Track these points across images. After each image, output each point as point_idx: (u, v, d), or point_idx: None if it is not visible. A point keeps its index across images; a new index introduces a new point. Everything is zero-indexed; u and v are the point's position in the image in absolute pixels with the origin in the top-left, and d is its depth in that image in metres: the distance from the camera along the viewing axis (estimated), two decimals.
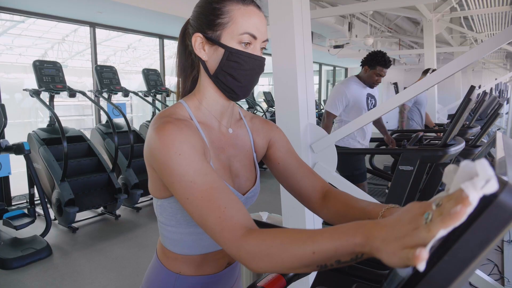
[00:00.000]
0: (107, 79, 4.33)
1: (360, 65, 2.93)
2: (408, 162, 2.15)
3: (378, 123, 3.21)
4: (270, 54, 1.81)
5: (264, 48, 0.79)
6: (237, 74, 0.76)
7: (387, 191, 3.23)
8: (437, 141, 2.85)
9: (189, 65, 0.85)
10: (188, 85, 0.87)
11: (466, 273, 0.34)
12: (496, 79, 8.62)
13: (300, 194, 0.91)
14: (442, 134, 3.64)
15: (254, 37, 0.75)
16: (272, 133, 0.94)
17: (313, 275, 0.96)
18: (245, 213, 0.66)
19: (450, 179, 0.38)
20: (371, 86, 2.92)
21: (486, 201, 0.33)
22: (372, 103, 2.98)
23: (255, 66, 0.77)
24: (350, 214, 0.80)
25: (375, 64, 2.81)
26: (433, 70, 4.05)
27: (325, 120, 2.91)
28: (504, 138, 0.58)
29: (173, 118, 0.73)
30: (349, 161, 2.86)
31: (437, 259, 0.35)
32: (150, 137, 0.71)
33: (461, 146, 2.21)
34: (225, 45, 0.74)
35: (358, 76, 2.95)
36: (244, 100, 6.69)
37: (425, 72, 4.11)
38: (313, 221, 1.88)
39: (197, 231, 0.80)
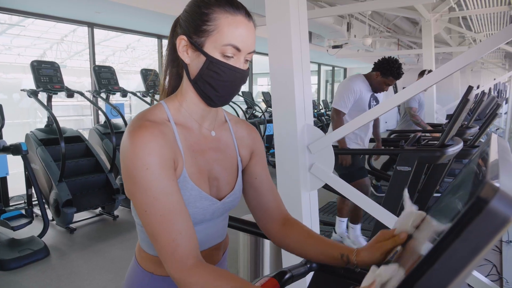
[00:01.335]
0: (105, 79, 4.31)
1: (373, 68, 2.86)
2: (406, 163, 2.15)
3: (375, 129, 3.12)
4: (267, 54, 1.80)
5: (248, 61, 0.77)
6: (216, 84, 0.75)
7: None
8: (435, 142, 2.84)
9: (175, 63, 0.84)
10: (172, 81, 0.86)
11: (457, 281, 0.34)
12: (494, 79, 8.61)
13: (265, 214, 0.92)
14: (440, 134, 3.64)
15: (238, 50, 0.73)
16: (254, 144, 0.93)
17: (309, 277, 0.95)
18: (196, 242, 0.71)
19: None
20: (376, 91, 2.88)
21: (477, 208, 0.32)
22: (373, 105, 2.92)
23: (235, 78, 0.76)
24: (310, 243, 0.85)
25: (389, 74, 2.75)
26: (429, 71, 4.05)
27: (334, 119, 2.79)
28: (499, 140, 0.57)
29: (148, 121, 0.73)
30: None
31: (427, 267, 0.34)
32: (124, 140, 0.71)
33: (459, 146, 2.21)
34: (207, 54, 0.73)
35: (366, 76, 2.89)
36: (243, 100, 6.69)
37: (421, 73, 4.12)
38: (310, 221, 1.88)
39: None
